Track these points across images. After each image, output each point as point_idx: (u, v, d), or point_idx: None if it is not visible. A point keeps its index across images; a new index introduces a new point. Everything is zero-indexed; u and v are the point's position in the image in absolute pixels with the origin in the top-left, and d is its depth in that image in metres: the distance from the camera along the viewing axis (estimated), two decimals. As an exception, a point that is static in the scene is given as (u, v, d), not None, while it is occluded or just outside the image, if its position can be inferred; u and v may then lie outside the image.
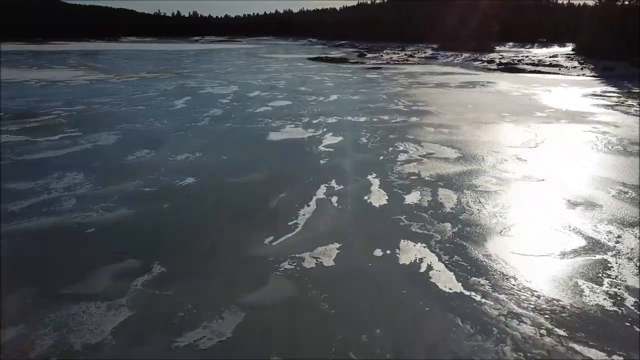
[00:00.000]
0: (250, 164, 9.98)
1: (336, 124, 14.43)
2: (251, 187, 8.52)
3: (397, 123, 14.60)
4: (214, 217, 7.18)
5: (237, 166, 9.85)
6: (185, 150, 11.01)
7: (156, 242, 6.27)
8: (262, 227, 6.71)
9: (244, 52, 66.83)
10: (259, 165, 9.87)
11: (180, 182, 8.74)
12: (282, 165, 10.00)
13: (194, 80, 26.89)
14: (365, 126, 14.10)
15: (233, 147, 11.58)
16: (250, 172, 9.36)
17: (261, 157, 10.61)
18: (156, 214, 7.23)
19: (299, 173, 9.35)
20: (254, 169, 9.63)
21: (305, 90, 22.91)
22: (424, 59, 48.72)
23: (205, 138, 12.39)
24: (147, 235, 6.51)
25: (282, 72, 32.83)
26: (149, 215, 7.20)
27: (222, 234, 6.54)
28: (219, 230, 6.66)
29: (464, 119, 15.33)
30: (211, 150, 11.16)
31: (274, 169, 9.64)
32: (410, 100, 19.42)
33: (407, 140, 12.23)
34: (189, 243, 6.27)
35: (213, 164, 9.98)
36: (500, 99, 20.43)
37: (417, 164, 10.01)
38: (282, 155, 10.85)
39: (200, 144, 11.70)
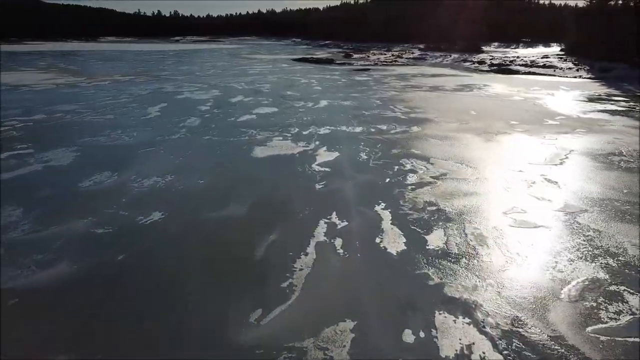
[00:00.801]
0: (232, 191, 8.27)
1: (330, 136, 12.79)
2: (232, 226, 6.82)
3: (397, 134, 13.01)
4: (181, 278, 5.46)
5: (215, 194, 8.13)
6: (155, 173, 9.25)
7: (96, 325, 4.56)
8: (246, 293, 5.04)
9: (226, 52, 64.81)
10: (242, 193, 8.17)
11: (144, 219, 7.00)
12: (270, 192, 8.32)
13: (172, 83, 24.98)
14: (362, 138, 12.48)
15: (212, 167, 9.84)
16: (231, 203, 7.66)
17: (245, 181, 8.91)
18: (105, 273, 5.50)
19: (291, 203, 7.68)
20: (237, 197, 7.93)
21: (292, 94, 21.22)
22: (412, 60, 47.37)
23: (180, 155, 10.64)
24: (85, 313, 4.79)
25: (267, 75, 31.07)
26: (95, 274, 5.47)
27: (189, 310, 4.82)
28: (184, 303, 4.93)
29: (470, 128, 13.82)
30: (185, 172, 9.42)
31: (261, 198, 7.96)
32: (406, 106, 17.86)
33: (413, 156, 10.63)
34: (141, 327, 4.57)
35: (186, 192, 8.24)
36: (503, 104, 19.01)
37: (430, 188, 8.41)
38: (269, 177, 9.15)
39: (172, 164, 9.94)
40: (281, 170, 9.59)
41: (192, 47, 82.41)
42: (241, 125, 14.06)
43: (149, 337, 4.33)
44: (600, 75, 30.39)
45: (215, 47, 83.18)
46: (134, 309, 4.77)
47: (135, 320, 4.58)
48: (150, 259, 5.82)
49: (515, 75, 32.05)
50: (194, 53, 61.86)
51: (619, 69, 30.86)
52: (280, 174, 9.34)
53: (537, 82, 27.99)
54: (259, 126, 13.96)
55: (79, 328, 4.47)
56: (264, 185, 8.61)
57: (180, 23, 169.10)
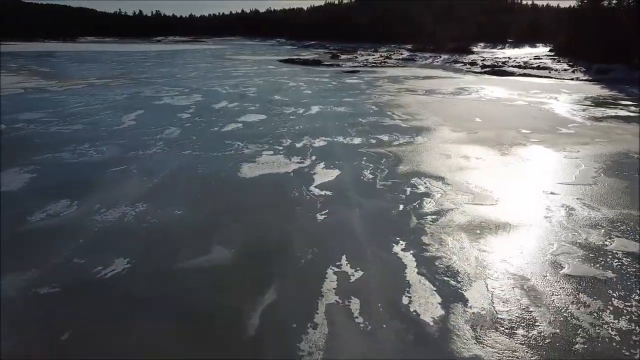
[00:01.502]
0: (216, 227, 6.79)
1: (326, 149, 11.37)
2: (216, 282, 5.34)
3: (402, 146, 11.64)
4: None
5: (195, 232, 6.63)
6: (124, 200, 7.73)
7: None
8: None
9: (209, 53, 63.00)
10: (228, 230, 6.70)
11: (103, 270, 5.50)
12: (263, 226, 6.85)
13: (151, 87, 23.31)
14: (363, 152, 11.08)
15: (192, 192, 8.34)
16: (215, 245, 6.17)
17: (231, 211, 7.44)
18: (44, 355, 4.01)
19: (289, 244, 6.23)
20: (221, 236, 6.45)
21: (280, 99, 19.75)
22: (402, 61, 46.19)
23: (155, 176, 9.11)
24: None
25: (252, 77, 29.54)
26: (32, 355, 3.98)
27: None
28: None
29: (481, 139, 12.52)
30: (160, 198, 7.91)
31: (251, 236, 6.49)
32: (405, 113, 16.53)
33: (424, 174, 9.26)
34: None
35: (160, 228, 6.74)
36: (507, 109, 17.79)
37: (454, 218, 7.03)
38: (261, 206, 7.68)
39: (146, 188, 8.42)
40: (274, 196, 8.13)
41: (173, 48, 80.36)
42: (226, 137, 12.57)
43: None
44: (598, 77, 29.49)
45: (197, 48, 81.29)
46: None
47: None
48: (103, 337, 4.33)
49: (510, 77, 31.00)
50: (175, 54, 59.93)
51: (617, 70, 29.99)
52: (273, 201, 7.87)
53: (535, 84, 26.92)
54: (246, 137, 12.48)
55: None
56: (255, 218, 7.14)
57: (162, 23, 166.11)
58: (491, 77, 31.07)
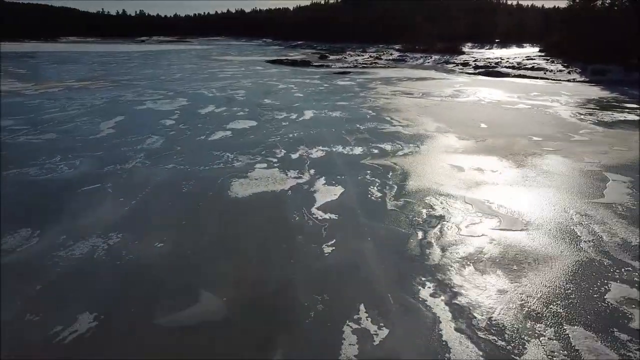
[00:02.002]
0: (201, 266, 5.67)
1: (325, 161, 10.30)
2: (202, 348, 4.24)
3: (407, 157, 10.62)
4: None
5: (177, 272, 5.50)
6: (95, 229, 6.58)
7: None
8: None
9: (195, 53, 61.52)
10: (216, 269, 5.59)
11: (63, 331, 4.35)
12: (258, 264, 5.75)
13: (133, 90, 22.02)
14: (366, 164, 10.03)
15: (175, 217, 7.20)
16: (201, 293, 5.06)
17: (220, 243, 6.33)
18: None
19: (291, 289, 5.14)
20: (208, 278, 5.35)
21: (271, 103, 18.64)
22: (392, 62, 45.29)
23: (133, 197, 7.95)
24: None
25: (240, 79, 28.34)
26: None
27: None
28: None
29: (491, 147, 11.56)
30: (138, 226, 6.77)
31: (244, 279, 5.38)
32: (404, 118, 15.54)
33: (439, 192, 8.25)
34: None
35: (135, 268, 5.60)
36: (510, 114, 16.90)
37: (485, 249, 6.02)
38: (255, 236, 6.57)
39: (122, 213, 7.27)
40: (271, 221, 7.04)
41: (158, 48, 78.63)
42: (214, 147, 11.44)
43: None
44: (595, 78, 28.84)
45: (183, 48, 79.68)
46: None
47: None
48: None
49: (505, 79, 30.21)
50: (160, 54, 58.37)
51: (614, 71, 29.39)
52: (270, 229, 6.78)
53: (533, 86, 26.14)
54: (235, 147, 11.36)
55: None
56: (250, 252, 6.04)
57: (146, 23, 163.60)
58: (486, 79, 30.25)
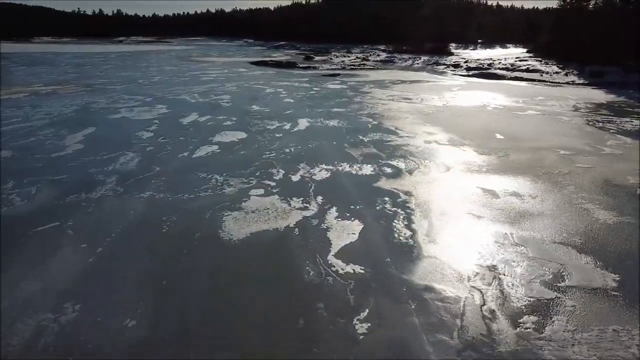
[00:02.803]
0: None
1: (333, 184, 8.72)
2: None
3: (426, 177, 9.11)
4: None
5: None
6: (44, 296, 4.89)
7: None
8: None
9: (175, 54, 59.25)
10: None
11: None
12: (266, 357, 4.15)
13: (107, 96, 20.10)
14: (382, 188, 8.48)
15: (150, 276, 5.51)
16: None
17: (211, 318, 4.70)
18: None
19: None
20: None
21: (259, 110, 16.97)
22: (380, 63, 43.90)
23: (97, 242, 6.24)
24: None
25: (224, 82, 26.54)
26: None
27: None
28: None
29: (517, 165, 10.12)
30: (101, 291, 5.09)
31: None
32: (409, 127, 14.07)
33: (483, 230, 6.73)
34: None
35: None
36: (523, 121, 15.55)
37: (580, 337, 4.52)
38: (257, 306, 4.93)
39: (81, 268, 5.57)
40: (277, 280, 5.41)
41: (136, 49, 75.98)
42: (199, 166, 9.76)
43: None
44: (594, 80, 27.84)
45: (162, 49, 77.16)
46: None
47: None
48: None
49: (502, 81, 29.01)
50: (138, 55, 55.99)
51: (612, 73, 28.44)
52: (277, 293, 5.14)
53: (535, 89, 24.94)
54: (225, 167, 9.71)
55: None
56: (253, 334, 4.41)
57: (124, 23, 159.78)
58: (482, 81, 29.00)
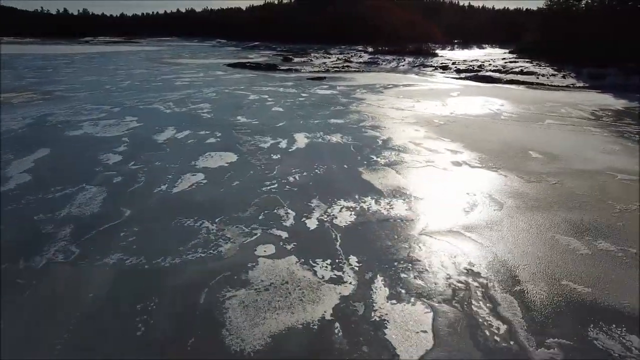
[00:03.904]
0: None
1: (363, 234, 6.56)
2: None
3: (487, 223, 7.05)
4: None
5: None
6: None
7: None
8: None
9: (145, 56, 55.99)
10: None
11: None
12: None
13: (68, 106, 17.44)
14: (432, 240, 6.37)
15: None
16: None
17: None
18: None
19: None
20: None
21: (247, 123, 14.68)
22: (364, 65, 41.93)
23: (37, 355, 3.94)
24: None
25: (201, 87, 24.04)
26: None
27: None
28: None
29: (577, 196, 8.17)
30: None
31: None
32: (426, 143, 12.08)
33: (604, 320, 4.70)
34: None
35: None
36: (550, 135, 13.75)
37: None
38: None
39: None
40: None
41: (103, 50, 72.17)
42: (182, 208, 7.45)
43: None
44: (595, 83, 26.49)
45: (131, 50, 73.48)
46: None
47: None
48: None
49: (499, 85, 27.35)
50: (105, 57, 52.57)
51: (612, 75, 27.17)
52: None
53: (539, 95, 23.21)
54: (216, 208, 7.44)
55: None
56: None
57: (90, 22, 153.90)
58: (479, 85, 27.28)
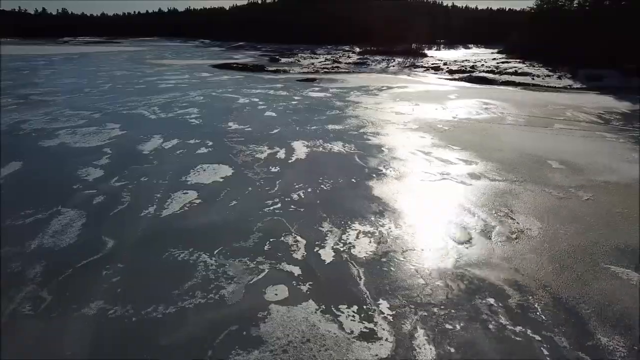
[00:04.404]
0: None
1: (389, 267, 5.61)
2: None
3: (519, 252, 6.15)
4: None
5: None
6: None
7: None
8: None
9: (127, 57, 54.29)
10: None
11: None
12: None
13: (44, 111, 16.16)
14: (471, 282, 5.45)
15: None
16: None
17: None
18: None
19: None
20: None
21: (239, 130, 13.62)
22: (354, 66, 41.02)
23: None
24: None
25: (187, 90, 22.82)
26: None
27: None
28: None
29: (615, 213, 7.31)
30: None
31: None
32: (435, 152, 11.19)
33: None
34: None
35: None
36: (563, 140, 13.00)
37: None
38: None
39: None
40: None
41: (83, 50, 70.10)
42: (174, 237, 6.40)
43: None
44: (592, 84, 26.00)
45: (112, 50, 71.54)
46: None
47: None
48: None
49: (495, 87, 26.65)
50: (85, 58, 50.78)
51: (610, 76, 26.67)
52: None
53: (538, 97, 22.54)
54: (214, 236, 6.42)
55: None
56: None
57: (70, 22, 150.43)
58: (475, 87, 26.55)
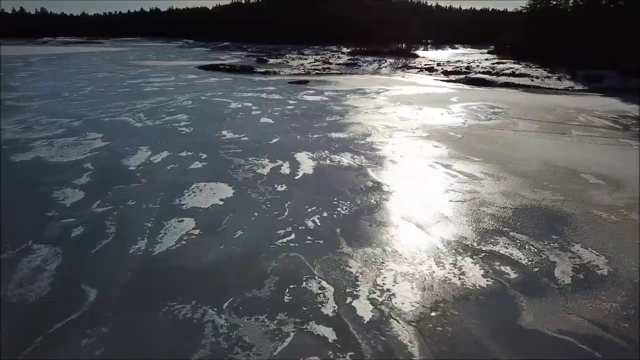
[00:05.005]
0: None
1: (450, 335, 4.51)
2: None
3: (590, 301, 5.12)
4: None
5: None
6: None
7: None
8: None
9: (109, 58, 52.45)
10: None
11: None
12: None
13: (18, 119, 14.75)
14: (552, 344, 4.36)
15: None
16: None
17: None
18: None
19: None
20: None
21: (235, 139, 12.42)
22: (345, 67, 39.93)
23: None
24: None
25: (173, 94, 21.46)
26: None
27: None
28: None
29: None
30: None
31: None
32: (456, 165, 10.15)
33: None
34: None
35: None
36: (587, 149, 12.10)
37: None
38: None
39: None
40: None
41: (63, 51, 67.81)
42: (169, 287, 5.24)
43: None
44: (593, 85, 25.32)
45: (93, 50, 69.42)
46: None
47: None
48: None
49: (495, 89, 25.79)
50: (65, 59, 48.86)
51: (610, 77, 26.03)
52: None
53: (543, 100, 21.74)
54: (217, 282, 5.30)
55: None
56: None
57: (49, 22, 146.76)
58: (475, 89, 25.63)
